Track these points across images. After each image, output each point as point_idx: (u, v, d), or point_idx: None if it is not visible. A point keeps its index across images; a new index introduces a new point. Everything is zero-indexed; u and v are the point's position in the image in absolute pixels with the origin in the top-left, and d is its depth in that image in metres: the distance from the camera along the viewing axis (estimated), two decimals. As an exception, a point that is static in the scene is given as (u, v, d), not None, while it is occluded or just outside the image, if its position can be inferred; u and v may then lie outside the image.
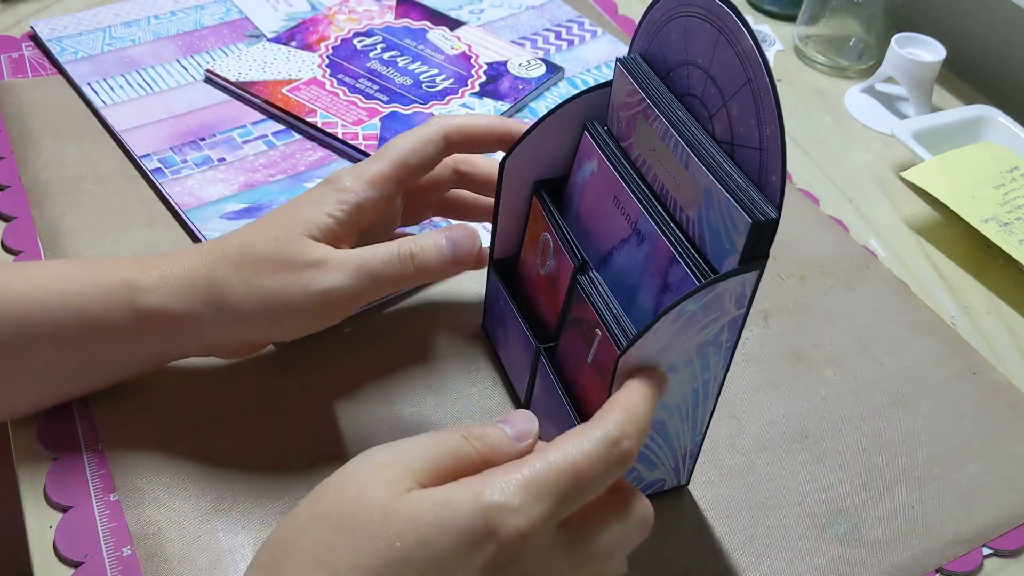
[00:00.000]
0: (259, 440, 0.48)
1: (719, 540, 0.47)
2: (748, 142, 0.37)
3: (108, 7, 0.74)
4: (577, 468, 0.34)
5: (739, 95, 0.37)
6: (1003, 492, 0.51)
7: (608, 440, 0.34)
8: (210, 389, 0.50)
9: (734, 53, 0.37)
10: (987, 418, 0.54)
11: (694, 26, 0.39)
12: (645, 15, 0.42)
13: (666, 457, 0.45)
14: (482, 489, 0.33)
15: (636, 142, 0.43)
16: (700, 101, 0.40)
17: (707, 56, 0.39)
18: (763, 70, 0.36)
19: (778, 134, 0.36)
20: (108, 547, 0.43)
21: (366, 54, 0.72)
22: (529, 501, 0.33)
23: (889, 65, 0.75)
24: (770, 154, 0.36)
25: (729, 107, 0.38)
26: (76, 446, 0.46)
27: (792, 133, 0.75)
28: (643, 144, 0.42)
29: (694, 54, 0.39)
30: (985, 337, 0.60)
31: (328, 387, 0.51)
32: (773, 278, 0.61)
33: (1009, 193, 0.66)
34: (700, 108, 0.40)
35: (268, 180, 0.62)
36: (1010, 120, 0.73)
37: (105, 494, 0.45)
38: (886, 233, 0.67)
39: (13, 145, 0.62)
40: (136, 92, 0.67)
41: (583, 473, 0.34)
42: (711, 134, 0.39)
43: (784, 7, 0.87)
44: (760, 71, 0.36)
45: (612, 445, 0.34)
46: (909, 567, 0.47)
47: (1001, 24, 0.82)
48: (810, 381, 0.55)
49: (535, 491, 0.33)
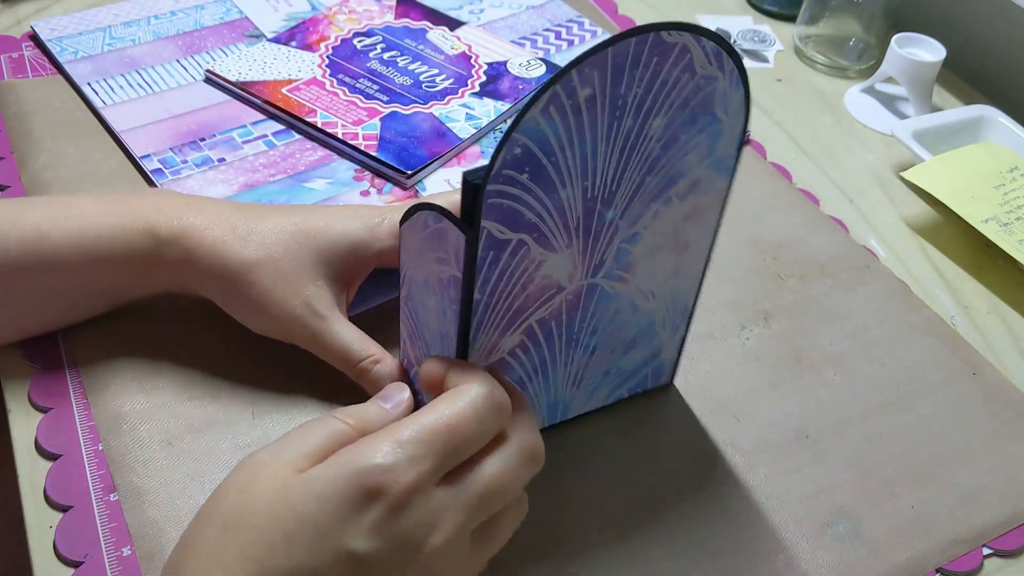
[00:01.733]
0: (259, 440, 0.48)
1: (718, 540, 0.46)
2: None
3: (108, 7, 0.74)
4: (450, 422, 0.35)
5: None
6: (1003, 492, 0.51)
7: (477, 393, 0.36)
8: (210, 389, 0.50)
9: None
10: (987, 418, 0.54)
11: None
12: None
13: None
14: (356, 456, 0.34)
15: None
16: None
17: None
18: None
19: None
20: (108, 547, 0.43)
21: (366, 54, 0.72)
22: (405, 458, 0.34)
23: (889, 65, 0.75)
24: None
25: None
26: (76, 446, 0.46)
27: (792, 133, 0.75)
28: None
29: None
30: (985, 337, 0.60)
31: (330, 387, 0.51)
32: (773, 278, 0.61)
33: (1009, 193, 0.66)
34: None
35: (268, 180, 0.62)
36: (1010, 120, 0.73)
37: (105, 494, 0.45)
38: (886, 233, 0.67)
39: (13, 145, 0.62)
40: (136, 92, 0.67)
41: (457, 427, 0.35)
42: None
43: (784, 7, 0.87)
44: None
45: (484, 397, 0.36)
46: (909, 567, 0.47)
47: (1001, 24, 0.82)
48: (810, 381, 0.55)
49: (410, 448, 0.34)
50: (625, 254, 0.43)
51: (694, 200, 0.43)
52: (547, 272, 0.41)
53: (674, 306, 0.48)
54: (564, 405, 0.49)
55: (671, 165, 0.41)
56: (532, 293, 0.41)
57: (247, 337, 0.52)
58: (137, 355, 0.50)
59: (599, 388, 0.49)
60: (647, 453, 0.50)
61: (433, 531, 0.35)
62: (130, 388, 0.49)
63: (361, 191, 0.62)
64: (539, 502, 0.47)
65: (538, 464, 0.38)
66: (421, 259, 0.42)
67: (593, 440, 0.50)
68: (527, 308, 0.42)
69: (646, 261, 0.44)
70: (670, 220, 0.43)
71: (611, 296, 0.44)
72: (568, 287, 0.42)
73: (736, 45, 0.84)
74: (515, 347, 0.43)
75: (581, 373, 0.47)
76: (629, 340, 0.47)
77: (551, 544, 0.45)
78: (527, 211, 0.38)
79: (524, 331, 0.43)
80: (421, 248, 0.41)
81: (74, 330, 0.51)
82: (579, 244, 0.41)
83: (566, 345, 0.45)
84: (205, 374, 0.50)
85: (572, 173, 0.38)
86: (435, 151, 0.64)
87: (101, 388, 0.49)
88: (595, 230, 0.41)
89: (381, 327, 0.54)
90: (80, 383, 0.49)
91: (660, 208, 0.42)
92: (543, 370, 0.45)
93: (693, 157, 0.41)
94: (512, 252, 0.39)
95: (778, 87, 0.80)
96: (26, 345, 0.50)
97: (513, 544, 0.40)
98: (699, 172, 0.42)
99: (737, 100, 0.41)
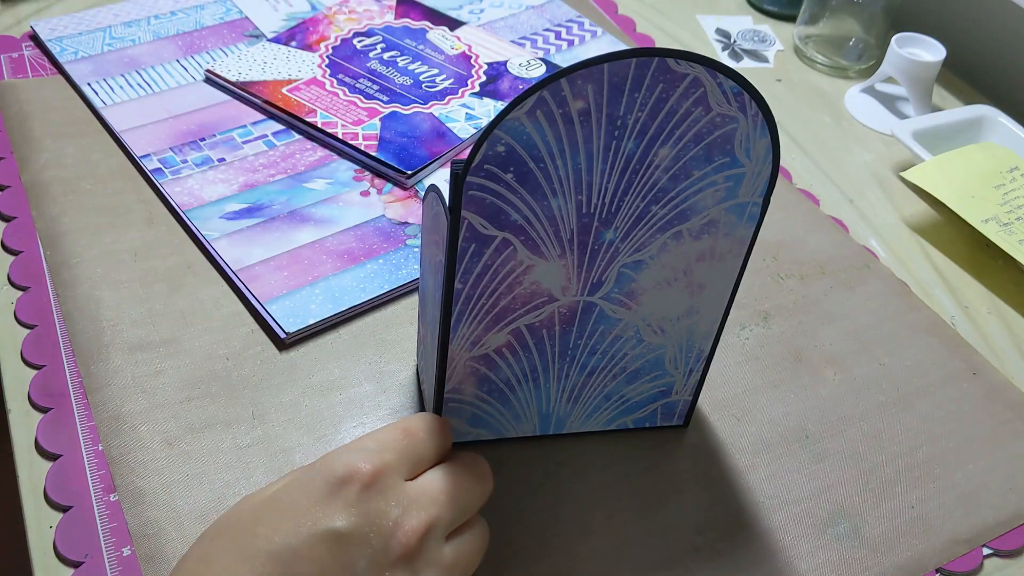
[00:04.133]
0: (259, 440, 0.48)
1: (719, 540, 0.47)
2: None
3: (108, 7, 0.74)
4: (405, 427, 0.40)
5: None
6: (1003, 492, 0.51)
7: (426, 415, 0.41)
8: (210, 390, 0.50)
9: None
10: (987, 418, 0.54)
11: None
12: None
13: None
14: (328, 457, 0.38)
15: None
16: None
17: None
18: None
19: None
20: (108, 547, 0.43)
21: (366, 54, 0.72)
22: (371, 451, 0.38)
23: (889, 65, 0.75)
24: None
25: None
26: (76, 446, 0.46)
27: (792, 133, 0.75)
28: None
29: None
30: (985, 337, 0.60)
31: (329, 387, 0.51)
32: (773, 278, 0.61)
33: (1009, 193, 0.66)
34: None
35: (268, 180, 0.62)
36: (1010, 120, 0.73)
37: (105, 494, 0.45)
38: (886, 233, 0.67)
39: (13, 145, 0.62)
40: (136, 92, 0.67)
41: (410, 431, 0.39)
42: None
43: (784, 7, 0.87)
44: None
45: (431, 418, 0.41)
46: (909, 567, 0.47)
47: (1001, 24, 0.82)
48: (810, 381, 0.55)
49: (373, 446, 0.38)
50: (628, 280, 0.43)
51: (710, 241, 0.42)
52: (536, 278, 0.41)
53: (688, 347, 0.47)
54: (558, 419, 0.49)
55: (682, 200, 0.40)
56: (520, 296, 0.42)
57: (247, 338, 0.52)
58: (137, 355, 0.51)
59: (599, 411, 0.49)
60: (646, 453, 0.50)
61: (407, 513, 0.37)
62: (130, 388, 0.49)
63: (361, 191, 0.62)
64: (538, 503, 0.47)
65: (487, 481, 0.41)
66: (428, 237, 0.43)
67: (589, 442, 0.50)
68: (514, 309, 0.42)
69: (653, 293, 0.44)
70: (681, 256, 0.42)
71: (612, 320, 0.44)
72: (561, 299, 0.42)
73: (736, 45, 0.84)
74: (502, 346, 0.43)
75: (577, 391, 0.47)
76: (633, 370, 0.47)
77: (545, 546, 0.45)
78: (512, 211, 0.38)
79: (511, 332, 0.43)
80: (429, 227, 0.43)
81: (74, 330, 0.51)
82: (573, 258, 0.41)
83: (559, 358, 0.45)
84: (205, 374, 0.50)
85: (564, 184, 0.38)
86: (435, 151, 0.64)
87: (101, 388, 0.49)
88: (592, 247, 0.41)
89: (381, 327, 0.54)
90: (80, 383, 0.49)
91: (669, 241, 0.41)
92: (534, 377, 0.46)
93: (708, 196, 0.40)
94: (497, 250, 0.39)
95: (778, 87, 0.80)
96: (26, 345, 0.50)
97: (511, 544, 0.40)
98: (716, 213, 0.41)
99: (762, 147, 0.39)
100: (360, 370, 0.52)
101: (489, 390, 0.46)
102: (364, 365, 0.52)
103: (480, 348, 0.43)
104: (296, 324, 0.53)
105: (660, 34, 0.83)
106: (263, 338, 0.52)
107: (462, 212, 0.38)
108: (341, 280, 0.55)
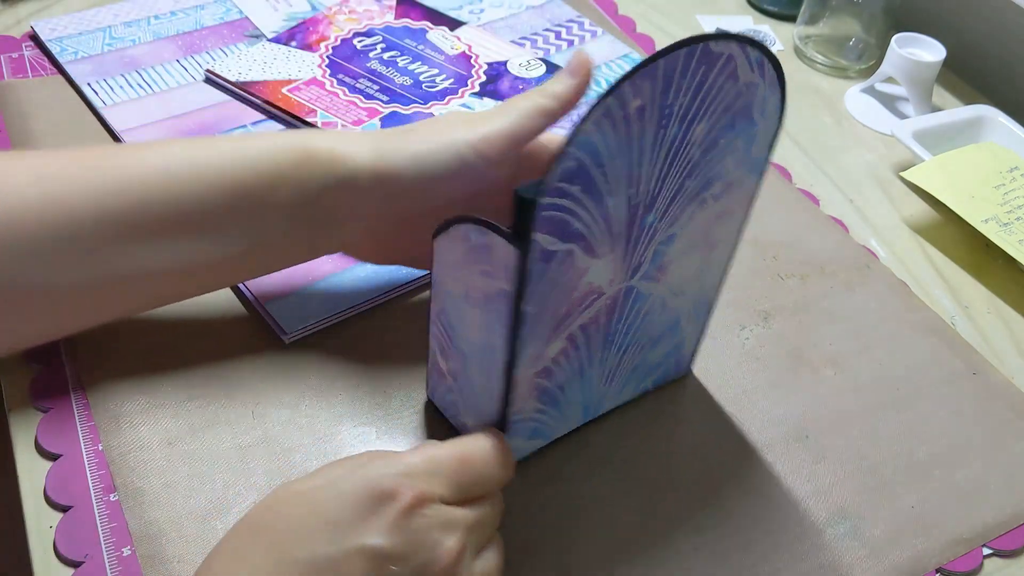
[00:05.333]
0: (259, 440, 0.48)
1: (719, 540, 0.47)
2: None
3: (108, 7, 0.74)
4: (460, 455, 0.39)
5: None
6: (1003, 492, 0.51)
7: (488, 442, 0.41)
8: (210, 390, 0.50)
9: None
10: (987, 418, 0.54)
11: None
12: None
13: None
14: (374, 468, 0.37)
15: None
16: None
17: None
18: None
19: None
20: (108, 547, 0.43)
21: (366, 54, 0.72)
22: (417, 472, 0.37)
23: (889, 65, 0.75)
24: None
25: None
26: (76, 446, 0.46)
27: (792, 133, 0.75)
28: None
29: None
30: (985, 337, 0.60)
31: (329, 387, 0.51)
32: (773, 278, 0.61)
33: (1009, 193, 0.66)
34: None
35: (268, 180, 0.62)
36: (1010, 120, 0.73)
37: (105, 494, 0.45)
38: (886, 233, 0.67)
39: (13, 145, 0.62)
40: (136, 92, 0.67)
41: (466, 460, 0.39)
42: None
43: (784, 7, 0.87)
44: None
45: (493, 447, 0.41)
46: (909, 567, 0.47)
47: (1001, 24, 0.82)
48: (810, 381, 0.55)
49: (421, 467, 0.38)
50: (660, 255, 0.43)
51: (727, 202, 0.43)
52: (590, 279, 0.40)
53: (699, 301, 0.48)
54: (596, 404, 0.49)
55: (709, 168, 0.41)
56: (576, 300, 0.41)
57: (247, 338, 0.52)
58: (137, 355, 0.51)
59: (627, 384, 0.49)
60: (647, 454, 0.50)
61: (446, 535, 0.37)
62: (130, 388, 0.49)
63: (361, 191, 0.62)
64: (552, 510, 0.47)
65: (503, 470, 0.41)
66: (461, 272, 0.41)
67: (589, 440, 0.50)
68: (571, 315, 0.41)
69: (679, 261, 0.44)
70: (703, 221, 0.43)
71: (644, 296, 0.44)
72: (608, 291, 0.42)
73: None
74: (558, 353, 0.43)
75: (613, 372, 0.47)
76: (657, 336, 0.48)
77: (562, 553, 0.45)
78: (575, 221, 0.37)
79: (567, 337, 0.42)
80: (462, 261, 0.40)
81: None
82: (620, 249, 0.41)
83: (602, 347, 0.45)
84: (205, 374, 0.50)
85: (619, 182, 0.38)
86: (435, 151, 0.64)
87: (101, 388, 0.49)
88: (635, 234, 0.41)
89: (380, 328, 0.54)
90: (80, 383, 0.49)
91: (695, 210, 0.42)
92: (581, 372, 0.45)
93: (729, 160, 0.41)
94: (559, 262, 0.38)
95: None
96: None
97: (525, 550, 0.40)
98: (734, 174, 0.42)
99: (773, 103, 0.40)
100: (360, 370, 0.52)
101: (546, 400, 0.45)
102: (364, 365, 0.52)
103: (541, 362, 0.42)
104: (296, 324, 0.53)
105: (660, 34, 0.83)
106: (263, 338, 0.52)
107: (534, 235, 0.36)
108: (341, 280, 0.55)
